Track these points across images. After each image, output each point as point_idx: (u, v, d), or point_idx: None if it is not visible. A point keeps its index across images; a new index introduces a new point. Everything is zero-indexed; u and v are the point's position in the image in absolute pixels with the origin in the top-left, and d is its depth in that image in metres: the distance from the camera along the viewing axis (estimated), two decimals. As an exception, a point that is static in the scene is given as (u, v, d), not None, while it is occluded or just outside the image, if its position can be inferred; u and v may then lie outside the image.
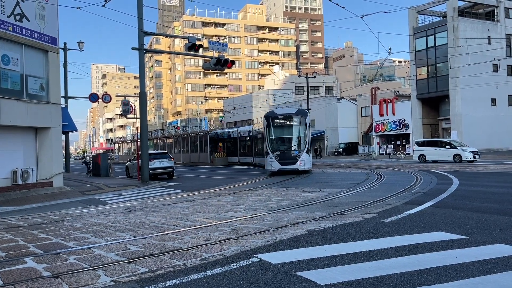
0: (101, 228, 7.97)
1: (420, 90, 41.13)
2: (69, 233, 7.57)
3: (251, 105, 64.49)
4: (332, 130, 52.33)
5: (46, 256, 5.74)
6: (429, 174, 17.84)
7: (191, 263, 5.04)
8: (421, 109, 41.73)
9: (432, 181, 14.68)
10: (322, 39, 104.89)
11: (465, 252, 5.11)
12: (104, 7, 17.60)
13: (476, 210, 8.19)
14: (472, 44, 37.27)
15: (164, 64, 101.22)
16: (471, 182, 14.13)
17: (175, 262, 5.08)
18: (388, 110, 43.92)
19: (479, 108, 38.50)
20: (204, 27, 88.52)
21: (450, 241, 5.66)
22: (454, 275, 4.21)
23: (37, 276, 4.75)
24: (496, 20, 40.45)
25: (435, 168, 21.22)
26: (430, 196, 10.60)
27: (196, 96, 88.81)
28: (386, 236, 6.16)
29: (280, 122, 21.54)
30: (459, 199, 9.98)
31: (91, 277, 4.63)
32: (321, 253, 5.23)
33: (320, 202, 10.31)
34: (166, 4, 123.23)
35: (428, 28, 40.52)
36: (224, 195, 13.33)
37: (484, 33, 39.22)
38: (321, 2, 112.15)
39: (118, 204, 12.42)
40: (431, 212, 8.16)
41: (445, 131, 40.63)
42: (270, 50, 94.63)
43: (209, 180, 20.81)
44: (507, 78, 40.08)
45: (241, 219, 8.15)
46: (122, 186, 18.24)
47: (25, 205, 13.04)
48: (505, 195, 10.47)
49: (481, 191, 11.43)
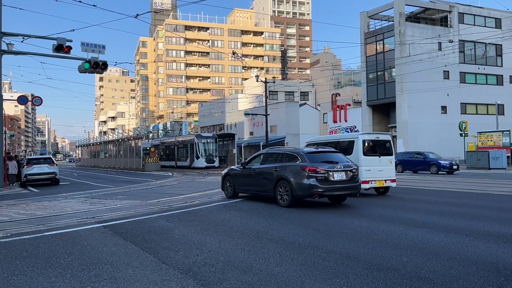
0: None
1: (370, 96, 40.14)
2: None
3: (225, 110, 63.94)
4: (293, 136, 51.33)
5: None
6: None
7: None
8: (371, 116, 40.69)
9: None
10: (310, 44, 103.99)
11: None
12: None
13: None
14: (421, 51, 36.19)
15: (150, 68, 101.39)
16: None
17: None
18: (341, 116, 42.99)
19: (428, 116, 37.31)
20: (187, 31, 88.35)
21: None
22: None
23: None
24: (449, 26, 39.26)
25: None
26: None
27: (177, 100, 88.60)
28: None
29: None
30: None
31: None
32: None
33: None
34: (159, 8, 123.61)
35: (377, 33, 39.57)
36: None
37: (435, 39, 38.05)
38: (309, 7, 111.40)
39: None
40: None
41: (395, 139, 39.47)
42: (255, 55, 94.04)
43: (93, 186, 20.26)
44: (460, 85, 38.84)
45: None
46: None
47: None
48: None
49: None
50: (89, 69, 19.54)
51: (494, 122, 33.71)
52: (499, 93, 39.27)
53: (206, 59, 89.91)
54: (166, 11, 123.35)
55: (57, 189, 19.04)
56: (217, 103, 65.49)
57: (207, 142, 39.08)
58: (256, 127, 50.69)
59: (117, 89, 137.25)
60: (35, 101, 32.88)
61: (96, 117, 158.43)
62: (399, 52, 36.58)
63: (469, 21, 39.87)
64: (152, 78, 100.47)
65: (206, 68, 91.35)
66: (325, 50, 78.03)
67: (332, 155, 10.73)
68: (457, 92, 38.46)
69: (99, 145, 56.37)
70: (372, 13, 40.54)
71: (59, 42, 19.01)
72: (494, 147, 27.79)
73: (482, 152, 26.24)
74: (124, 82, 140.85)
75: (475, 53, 39.80)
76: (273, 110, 46.55)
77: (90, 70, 19.81)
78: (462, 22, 39.50)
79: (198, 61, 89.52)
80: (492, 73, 40.77)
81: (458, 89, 38.57)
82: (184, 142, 41.02)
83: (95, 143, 59.52)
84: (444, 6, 39.35)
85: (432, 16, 40.82)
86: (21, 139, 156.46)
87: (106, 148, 52.53)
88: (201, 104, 72.49)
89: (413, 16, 39.84)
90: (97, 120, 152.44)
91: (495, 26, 40.52)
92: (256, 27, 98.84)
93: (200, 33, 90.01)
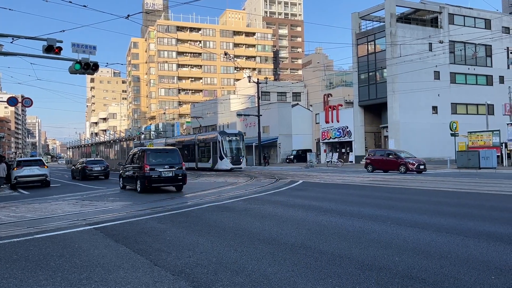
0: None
1: (362, 97, 40.31)
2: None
3: (217, 110, 63.87)
4: (285, 137, 51.43)
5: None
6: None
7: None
8: (363, 116, 40.86)
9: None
10: (302, 44, 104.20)
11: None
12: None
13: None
14: (412, 52, 36.40)
15: (141, 69, 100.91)
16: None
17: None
18: (333, 117, 43.09)
19: (419, 116, 37.54)
20: (178, 32, 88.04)
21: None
22: None
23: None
24: (439, 27, 39.57)
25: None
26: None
27: (169, 101, 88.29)
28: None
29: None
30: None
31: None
32: None
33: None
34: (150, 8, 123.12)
35: (369, 34, 39.76)
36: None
37: (425, 40, 38.32)
38: (301, 8, 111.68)
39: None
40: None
41: (387, 139, 39.69)
42: (247, 56, 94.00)
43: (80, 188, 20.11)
44: (450, 85, 39.15)
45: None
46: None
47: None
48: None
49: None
50: (80, 70, 19.35)
51: (484, 122, 33.99)
52: (489, 93, 39.63)
53: (198, 60, 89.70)
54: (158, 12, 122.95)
55: (47, 191, 18.87)
56: (209, 104, 65.35)
57: (233, 140, 33.58)
58: (249, 127, 50.67)
59: (109, 90, 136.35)
60: (25, 102, 32.56)
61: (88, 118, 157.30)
62: (390, 53, 36.78)
63: (459, 22, 40.21)
64: (144, 79, 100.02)
65: (198, 69, 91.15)
66: (317, 50, 78.29)
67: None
68: (448, 92, 38.76)
69: (91, 146, 56.01)
70: (363, 14, 40.73)
71: (49, 43, 18.77)
72: (484, 146, 28.00)
73: (473, 152, 26.40)
74: (115, 83, 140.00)
75: (465, 54, 40.15)
76: (265, 110, 46.60)
77: (81, 71, 19.62)
78: (452, 23, 39.82)
79: (190, 62, 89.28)
80: (482, 74, 41.16)
81: (449, 89, 38.88)
82: (205, 141, 35.55)
83: (86, 144, 59.19)
84: (434, 7, 39.64)
85: (423, 17, 41.12)
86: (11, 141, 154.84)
87: (98, 150, 52.22)
88: (193, 105, 72.29)
89: (404, 17, 40.11)
90: (88, 122, 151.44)
91: (485, 27, 40.92)
92: (248, 28, 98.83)
93: (192, 33, 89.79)
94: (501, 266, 4.87)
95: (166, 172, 15.09)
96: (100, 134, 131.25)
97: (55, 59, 19.94)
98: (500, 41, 39.60)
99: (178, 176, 15.33)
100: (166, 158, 15.67)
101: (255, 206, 10.73)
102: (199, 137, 37.23)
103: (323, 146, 45.42)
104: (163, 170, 15.05)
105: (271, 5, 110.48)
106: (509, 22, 42.96)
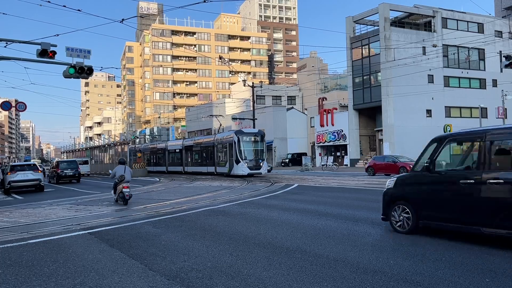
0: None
1: (356, 100, 40.44)
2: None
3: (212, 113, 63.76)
4: (281, 140, 51.54)
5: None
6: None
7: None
8: (358, 119, 40.98)
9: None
10: (297, 48, 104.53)
11: None
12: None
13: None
14: (406, 56, 36.57)
15: (136, 73, 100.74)
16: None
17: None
18: (328, 120, 43.21)
19: (413, 119, 37.68)
20: (173, 36, 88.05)
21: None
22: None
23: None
24: (432, 31, 39.83)
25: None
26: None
27: (164, 105, 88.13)
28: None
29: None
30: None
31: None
32: None
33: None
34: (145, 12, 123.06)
35: (363, 38, 39.95)
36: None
37: (419, 43, 38.55)
38: (296, 12, 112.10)
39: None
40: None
41: (382, 143, 39.82)
42: (242, 59, 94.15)
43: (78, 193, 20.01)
44: (444, 89, 39.38)
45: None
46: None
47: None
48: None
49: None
50: (74, 74, 19.27)
51: (478, 125, 34.23)
52: (482, 96, 39.88)
53: (193, 63, 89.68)
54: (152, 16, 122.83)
55: (41, 196, 18.75)
56: (204, 108, 65.30)
57: (251, 140, 28.49)
58: (244, 131, 50.60)
59: (103, 94, 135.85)
60: (19, 106, 32.36)
61: (82, 122, 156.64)
62: (384, 57, 36.97)
63: (452, 26, 40.50)
64: (139, 83, 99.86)
65: (193, 73, 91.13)
66: (312, 54, 78.51)
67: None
68: (442, 96, 38.98)
69: (85, 150, 55.79)
70: (357, 18, 40.93)
71: (43, 47, 18.70)
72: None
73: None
74: (110, 87, 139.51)
75: (458, 58, 40.42)
76: (260, 114, 46.63)
77: (75, 75, 19.53)
78: (446, 27, 40.09)
79: (185, 65, 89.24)
80: (475, 77, 41.43)
81: (443, 92, 39.10)
82: (223, 142, 30.62)
83: (81, 148, 59.01)
84: (428, 11, 39.93)
85: (416, 21, 41.39)
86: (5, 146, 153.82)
87: (92, 154, 52.02)
88: (188, 108, 72.20)
89: (398, 21, 40.32)
90: (82, 126, 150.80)
91: (478, 31, 41.23)
92: (243, 32, 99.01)
93: (186, 37, 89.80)
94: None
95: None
96: (95, 139, 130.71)
97: (49, 63, 19.94)
98: (493, 45, 39.92)
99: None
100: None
101: (250, 210, 10.73)
102: (217, 138, 31.92)
103: (318, 149, 45.50)
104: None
105: (266, 9, 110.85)
106: (502, 26, 43.31)
